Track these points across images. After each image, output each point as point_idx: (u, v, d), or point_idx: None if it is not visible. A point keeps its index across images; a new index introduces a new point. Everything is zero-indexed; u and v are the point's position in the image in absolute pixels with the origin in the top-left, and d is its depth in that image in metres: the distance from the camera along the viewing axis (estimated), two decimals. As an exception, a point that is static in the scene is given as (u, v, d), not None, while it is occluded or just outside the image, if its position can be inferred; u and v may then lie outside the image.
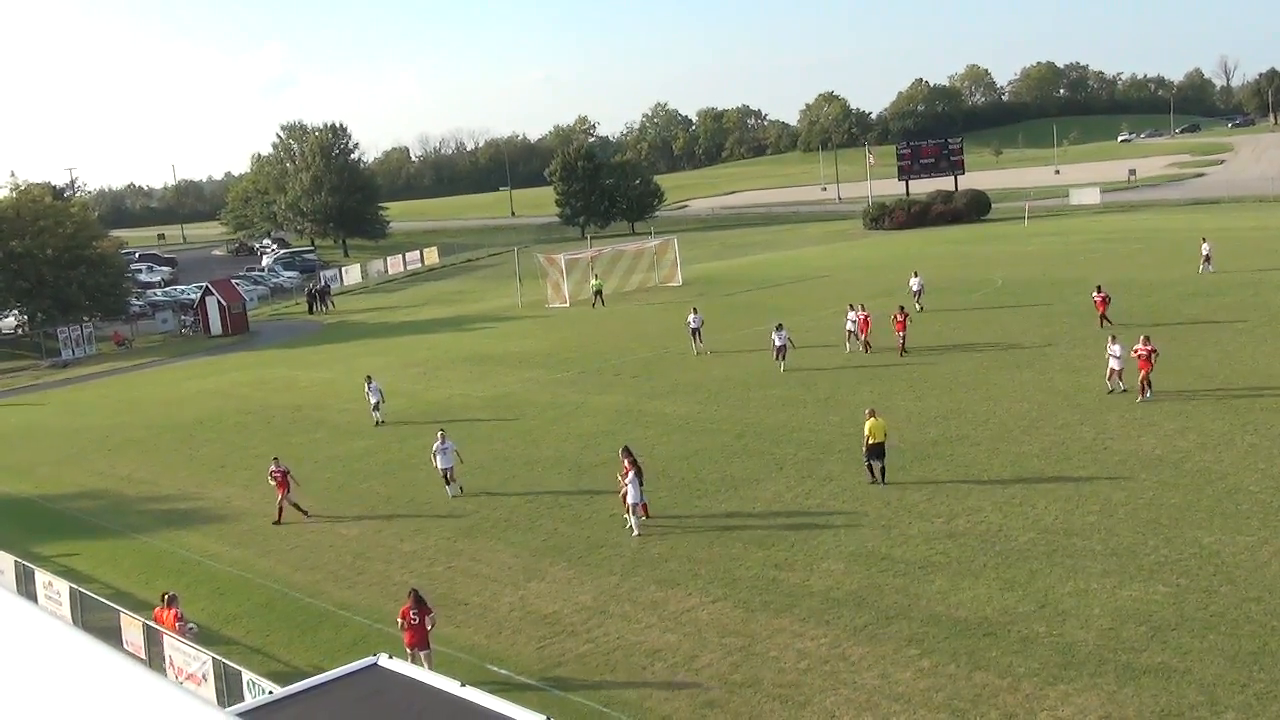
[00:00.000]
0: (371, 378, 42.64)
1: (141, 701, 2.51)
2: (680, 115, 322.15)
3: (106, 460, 41.56)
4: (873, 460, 28.39)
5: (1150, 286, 53.80)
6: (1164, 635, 18.64)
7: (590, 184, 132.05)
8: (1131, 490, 25.84)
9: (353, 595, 24.88)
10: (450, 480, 31.40)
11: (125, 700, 2.53)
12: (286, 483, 30.90)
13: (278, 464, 31.34)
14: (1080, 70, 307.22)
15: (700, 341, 48.72)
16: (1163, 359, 38.25)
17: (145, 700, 2.52)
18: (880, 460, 28.36)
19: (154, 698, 2.52)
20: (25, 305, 78.50)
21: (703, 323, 49.20)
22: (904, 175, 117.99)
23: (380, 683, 9.93)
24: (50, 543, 31.99)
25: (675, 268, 79.08)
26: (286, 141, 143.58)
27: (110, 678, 2.65)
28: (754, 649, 19.84)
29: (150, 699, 2.52)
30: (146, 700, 2.51)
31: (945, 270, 67.50)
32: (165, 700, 2.50)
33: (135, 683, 2.62)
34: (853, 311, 45.18)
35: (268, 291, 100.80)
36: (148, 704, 2.51)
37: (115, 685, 2.61)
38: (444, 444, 31.27)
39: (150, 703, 2.51)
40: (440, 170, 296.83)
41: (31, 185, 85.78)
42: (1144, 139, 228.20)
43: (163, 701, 2.51)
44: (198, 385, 56.78)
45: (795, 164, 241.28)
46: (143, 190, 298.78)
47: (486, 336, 62.99)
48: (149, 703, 2.51)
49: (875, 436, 28.23)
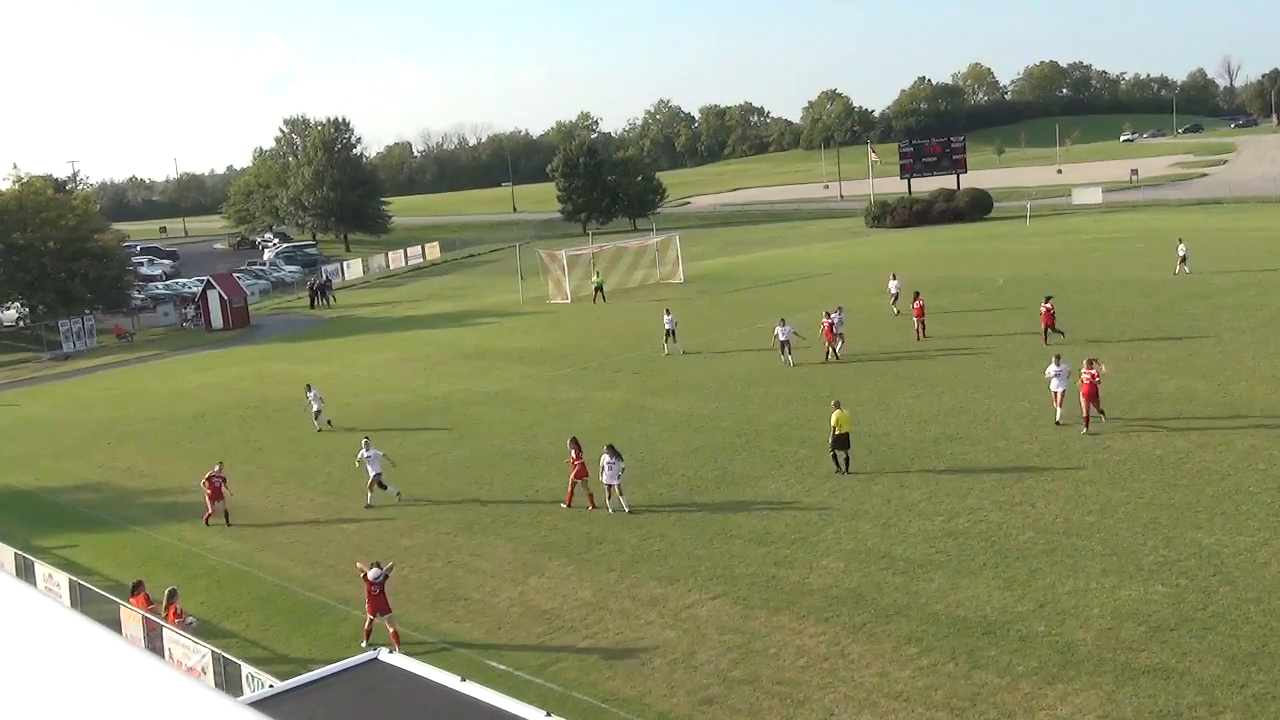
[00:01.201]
0: (311, 386, 42.17)
1: (162, 695, 2.53)
2: (683, 112, 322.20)
3: (107, 453, 41.58)
4: (838, 450, 29.15)
5: (1152, 286, 53.78)
6: (1163, 635, 18.65)
7: (592, 180, 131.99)
8: (1131, 490, 25.84)
9: (352, 590, 24.86)
10: (381, 486, 31.15)
11: (146, 694, 2.55)
12: (220, 493, 30.97)
13: (220, 469, 31.53)
14: (1083, 70, 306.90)
15: (674, 342, 48.55)
16: (1164, 358, 38.33)
17: (166, 694, 2.53)
18: (845, 450, 29.12)
19: (173, 691, 2.54)
20: (27, 298, 78.49)
21: (676, 324, 49.07)
22: (906, 174, 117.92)
23: (381, 677, 9.93)
24: (50, 535, 32.03)
25: (677, 265, 79.03)
26: (289, 135, 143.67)
27: (130, 672, 2.66)
28: (753, 646, 19.85)
29: (170, 692, 2.54)
30: (167, 694, 2.53)
31: (947, 269, 67.47)
32: (185, 693, 2.52)
33: (156, 677, 2.63)
34: (788, 322, 44.38)
35: (269, 286, 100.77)
36: (168, 697, 2.52)
37: (140, 680, 2.62)
38: (369, 451, 31.18)
39: (169, 696, 2.52)
40: (442, 165, 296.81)
41: (34, 178, 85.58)
42: (1147, 139, 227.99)
43: (182, 695, 2.52)
44: (199, 379, 56.79)
45: (798, 161, 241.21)
46: (145, 183, 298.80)
47: (488, 332, 62.98)
48: (169, 696, 2.52)
49: (841, 427, 29.11)
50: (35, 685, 2.64)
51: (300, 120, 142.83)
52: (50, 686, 2.67)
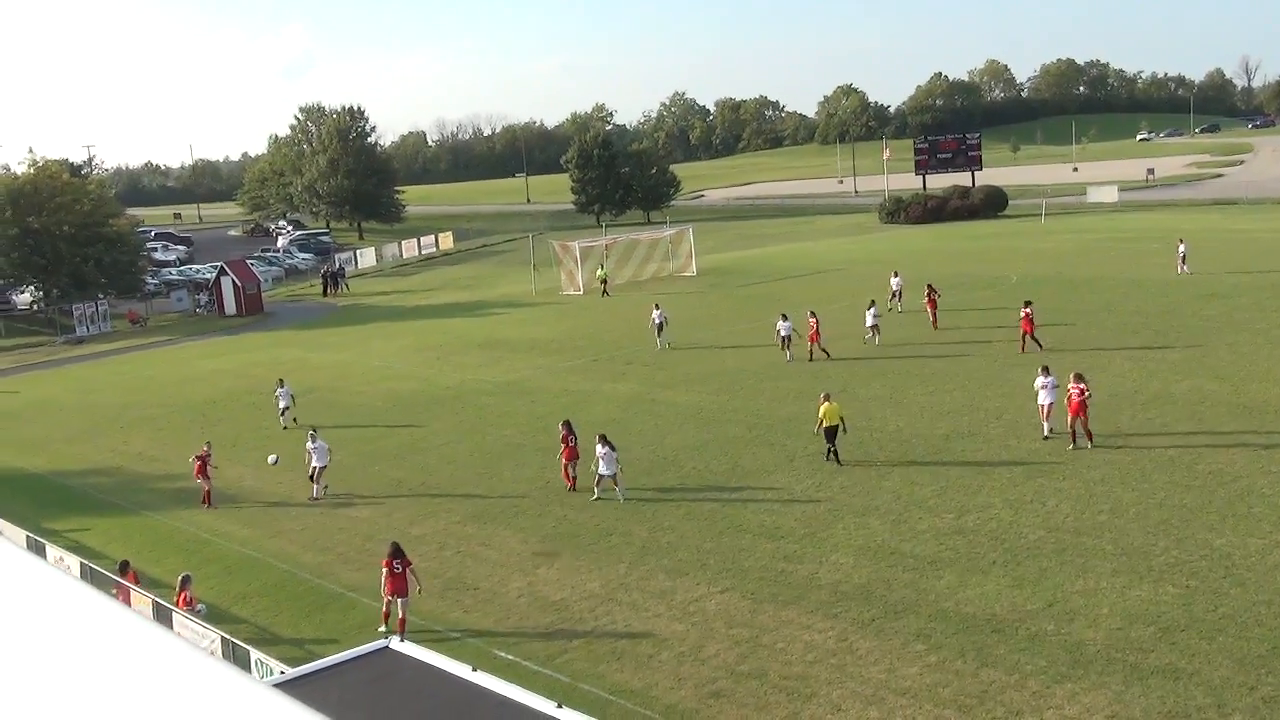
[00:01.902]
0: (283, 381, 41.87)
1: (188, 672, 2.54)
2: (698, 105, 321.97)
3: (119, 437, 41.72)
4: (827, 442, 29.70)
5: (1165, 286, 53.61)
6: (1173, 636, 18.60)
7: (606, 172, 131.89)
8: (1143, 490, 25.77)
9: (362, 577, 24.94)
10: (316, 480, 31.39)
11: (172, 670, 2.56)
12: (205, 473, 31.45)
13: (208, 449, 32.12)
14: (1100, 68, 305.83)
15: (662, 336, 48.67)
16: (1178, 359, 38.21)
17: (192, 672, 2.54)
18: (831, 443, 29.60)
19: (201, 671, 2.55)
20: (41, 281, 78.74)
21: (666, 319, 49.15)
22: (921, 170, 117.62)
23: (392, 665, 9.95)
24: (61, 518, 32.16)
25: (690, 258, 79.01)
26: (304, 123, 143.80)
27: (157, 651, 2.68)
28: (761, 640, 19.85)
29: (198, 671, 2.55)
30: (194, 672, 2.54)
31: (960, 266, 67.36)
32: (210, 673, 2.53)
33: (182, 655, 2.64)
34: (792, 319, 44.36)
35: (282, 273, 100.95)
36: (195, 675, 2.53)
37: (168, 659, 2.63)
38: (315, 443, 31.33)
39: (198, 674, 2.53)
40: (457, 155, 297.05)
41: (49, 162, 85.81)
42: (1163, 138, 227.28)
43: (208, 674, 2.53)
44: (211, 365, 56.95)
45: (812, 156, 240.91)
46: (160, 169, 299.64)
47: (500, 322, 63.05)
48: (196, 674, 2.53)
49: (829, 420, 29.67)
50: (62, 664, 2.67)
51: (316, 108, 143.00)
52: (80, 666, 2.69)
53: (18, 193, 76.86)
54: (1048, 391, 30.18)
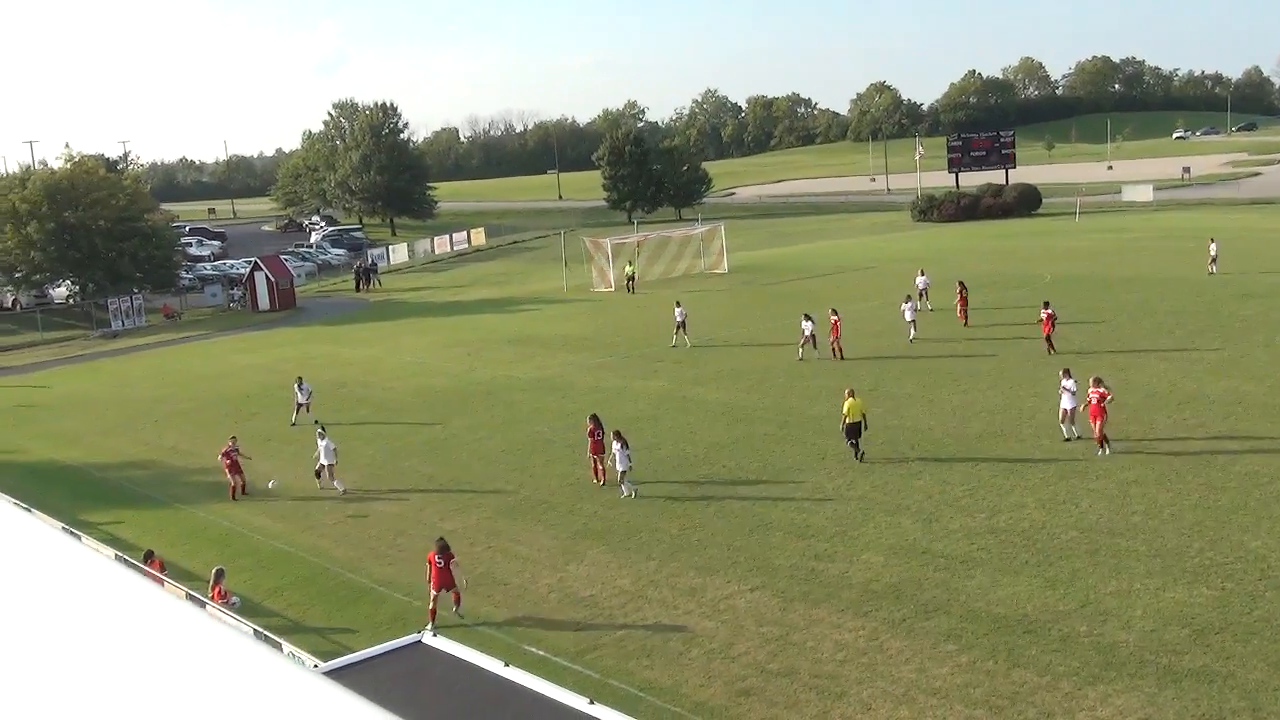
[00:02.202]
0: (302, 379, 41.54)
1: (233, 658, 2.56)
2: (730, 102, 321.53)
3: (154, 431, 42.04)
4: (850, 438, 29.74)
5: (1201, 285, 53.18)
6: (1207, 639, 18.45)
7: (638, 169, 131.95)
8: (1177, 491, 25.57)
9: (393, 572, 25.05)
10: (320, 475, 31.82)
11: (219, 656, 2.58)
12: (239, 466, 32.01)
13: (234, 443, 32.49)
14: (1136, 65, 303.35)
15: (683, 334, 48.69)
16: (1214, 359, 37.87)
17: (236, 657, 2.57)
18: (856, 438, 29.65)
19: (246, 656, 2.57)
20: (77, 276, 79.40)
21: (686, 316, 49.19)
22: (954, 168, 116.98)
23: (424, 660, 9.99)
24: (96, 510, 32.42)
25: (721, 255, 78.95)
26: (337, 119, 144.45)
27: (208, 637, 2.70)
28: (791, 638, 19.81)
29: (243, 657, 2.57)
30: (238, 657, 2.56)
31: (993, 265, 67.02)
32: (255, 658, 2.55)
33: (226, 640, 2.67)
34: (807, 322, 43.82)
35: (315, 268, 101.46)
36: (240, 661, 2.55)
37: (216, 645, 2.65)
38: (324, 441, 31.69)
39: (244, 660, 2.55)
40: (489, 151, 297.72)
41: (86, 157, 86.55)
42: (1199, 137, 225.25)
43: (254, 659, 2.55)
44: (245, 359, 57.30)
45: (845, 154, 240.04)
46: (194, 164, 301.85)
47: (531, 318, 63.17)
48: (241, 659, 2.55)
49: (852, 416, 29.73)
50: (108, 649, 2.70)
51: (349, 104, 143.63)
52: (129, 653, 2.72)
53: (54, 188, 77.51)
54: (1069, 395, 29.82)
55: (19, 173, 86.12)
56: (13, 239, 75.57)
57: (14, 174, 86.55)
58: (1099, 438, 28.72)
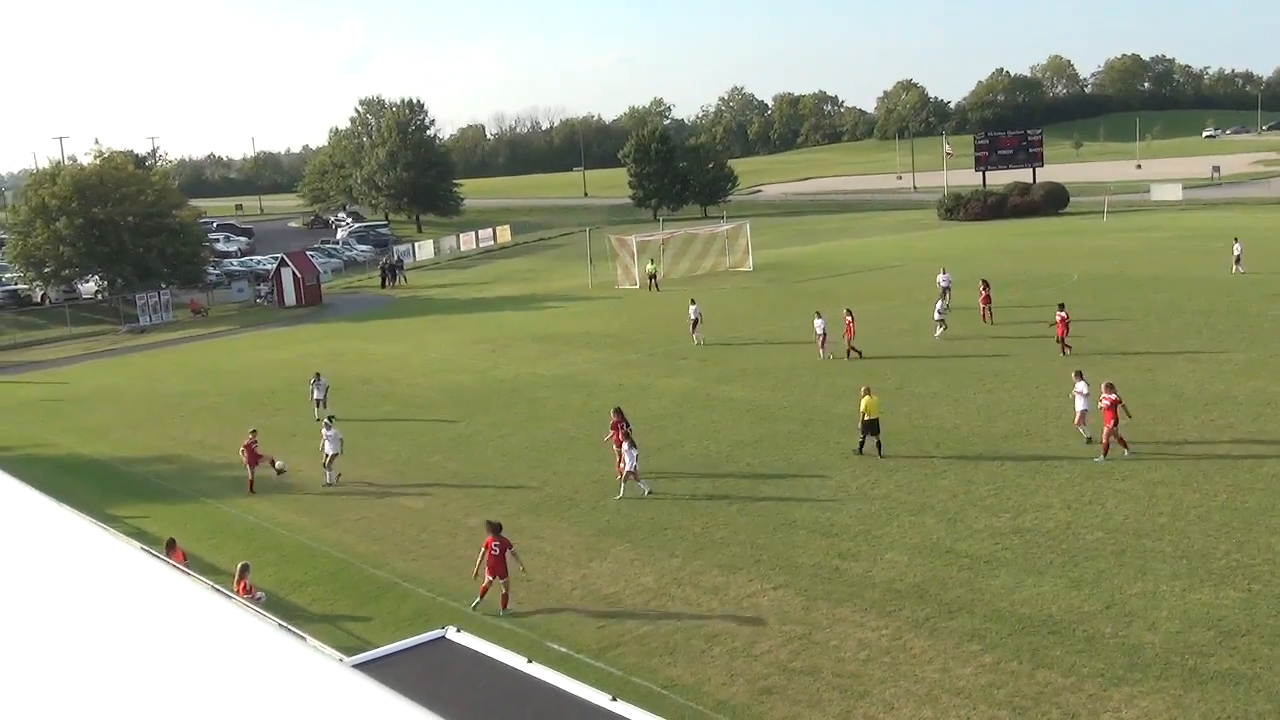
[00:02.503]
0: (320, 375, 41.46)
1: (267, 650, 2.57)
2: (756, 100, 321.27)
3: (180, 425, 42.28)
4: (868, 434, 29.84)
5: (1230, 285, 52.81)
6: (1233, 641, 18.32)
7: (664, 166, 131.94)
8: (1204, 493, 25.40)
9: (416, 567, 25.12)
10: (328, 467, 32.25)
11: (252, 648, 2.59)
12: (258, 457, 32.46)
13: (253, 437, 32.92)
14: (1166, 63, 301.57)
15: (696, 332, 48.83)
16: (1242, 360, 37.60)
17: (270, 649, 2.57)
18: (876, 435, 29.80)
19: (280, 648, 2.58)
20: (105, 271, 79.90)
21: (701, 314, 49.33)
22: (981, 166, 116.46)
23: (448, 655, 10.01)
24: (123, 504, 32.60)
25: (746, 253, 78.85)
26: (364, 116, 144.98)
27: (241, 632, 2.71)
28: (814, 637, 19.77)
29: (277, 649, 2.58)
30: (272, 649, 2.57)
31: (1020, 264, 66.73)
32: (288, 650, 2.56)
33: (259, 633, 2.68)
34: (819, 319, 44.22)
35: (341, 265, 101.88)
36: (273, 652, 2.56)
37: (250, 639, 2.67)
38: (330, 431, 32.19)
39: (276, 651, 2.56)
40: (515, 149, 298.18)
41: (114, 153, 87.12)
42: (1229, 135, 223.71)
43: (287, 651, 2.56)
44: (271, 355, 57.56)
45: (871, 152, 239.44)
46: (222, 161, 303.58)
47: (556, 315, 63.24)
48: (274, 651, 2.56)
49: (870, 413, 29.80)
50: (145, 642, 2.72)
51: (376, 101, 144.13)
52: (163, 645, 2.74)
53: (84, 183, 78.02)
54: (1081, 398, 29.61)
55: (49, 168, 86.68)
56: (42, 234, 76.11)
57: (44, 169, 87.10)
58: (1106, 442, 28.28)
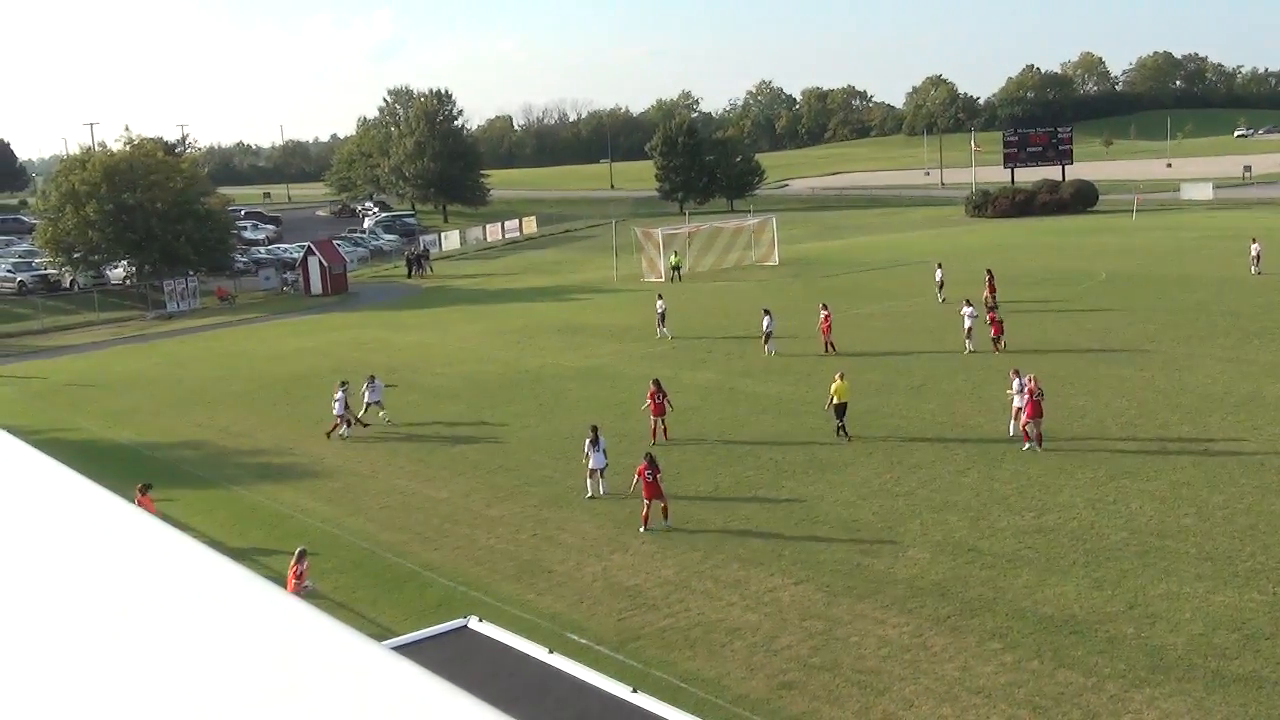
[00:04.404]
0: (374, 377, 38.87)
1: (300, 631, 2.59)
2: (784, 94, 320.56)
3: (206, 412, 42.51)
4: (838, 418, 31.25)
5: (1259, 286, 52.43)
6: (1257, 644, 18.22)
7: (691, 159, 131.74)
8: (1230, 494, 25.26)
9: (438, 557, 25.22)
10: (360, 422, 36.35)
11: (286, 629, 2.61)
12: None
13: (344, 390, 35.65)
14: (1198, 62, 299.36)
15: (663, 327, 49.94)
16: (1269, 360, 37.34)
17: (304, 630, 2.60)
18: (840, 419, 31.37)
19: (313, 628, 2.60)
20: (134, 257, 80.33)
21: (666, 309, 50.41)
22: (1010, 163, 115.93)
23: (470, 645, 10.06)
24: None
25: (773, 247, 78.70)
26: (392, 106, 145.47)
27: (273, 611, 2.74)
28: (834, 633, 19.76)
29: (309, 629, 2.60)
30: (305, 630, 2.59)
31: (1048, 261, 66.42)
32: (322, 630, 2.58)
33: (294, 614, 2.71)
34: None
35: (368, 254, 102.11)
36: (306, 633, 2.59)
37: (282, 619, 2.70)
38: (340, 393, 35.88)
39: (310, 632, 2.58)
40: (542, 140, 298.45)
41: (144, 140, 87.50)
42: (1262, 135, 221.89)
43: (321, 632, 2.58)
44: (297, 343, 57.80)
45: (899, 147, 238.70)
46: (251, 149, 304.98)
47: (581, 307, 63.28)
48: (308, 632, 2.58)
49: (840, 396, 31.46)
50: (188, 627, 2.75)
51: (404, 91, 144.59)
52: (198, 622, 2.77)
53: (113, 169, 78.41)
54: (1020, 395, 29.91)
55: (80, 154, 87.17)
56: (71, 219, 76.56)
57: (75, 155, 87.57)
58: (1024, 431, 29.48)
